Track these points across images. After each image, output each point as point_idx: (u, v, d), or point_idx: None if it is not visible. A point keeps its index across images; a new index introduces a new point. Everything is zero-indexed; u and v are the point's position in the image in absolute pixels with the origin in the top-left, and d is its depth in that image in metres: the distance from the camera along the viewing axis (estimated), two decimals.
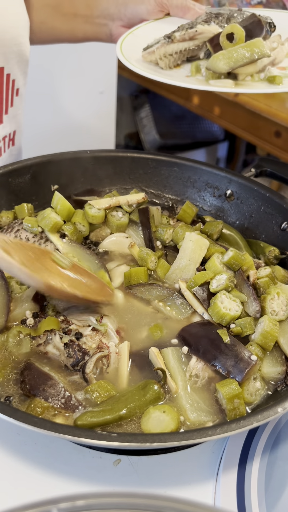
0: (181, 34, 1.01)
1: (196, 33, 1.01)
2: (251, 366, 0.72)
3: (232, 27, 0.95)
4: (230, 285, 0.83)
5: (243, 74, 0.97)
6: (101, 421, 0.65)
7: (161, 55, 1.01)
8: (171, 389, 0.71)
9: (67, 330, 0.77)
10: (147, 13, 1.14)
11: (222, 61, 0.93)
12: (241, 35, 0.94)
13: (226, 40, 0.95)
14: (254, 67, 0.97)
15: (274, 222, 0.99)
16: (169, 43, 1.00)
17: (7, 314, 0.81)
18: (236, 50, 0.93)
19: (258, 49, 0.93)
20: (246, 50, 0.93)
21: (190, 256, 0.89)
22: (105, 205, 0.98)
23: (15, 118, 1.23)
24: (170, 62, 1.03)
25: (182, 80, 0.96)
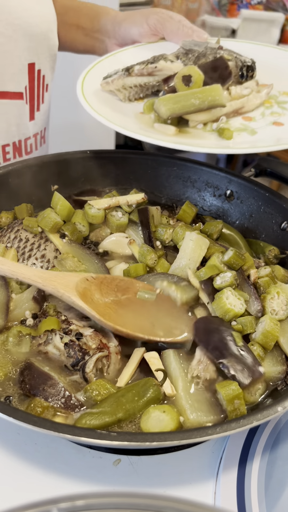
0: (140, 68, 0.95)
1: (155, 69, 0.95)
2: (256, 376, 0.71)
3: (189, 69, 0.87)
4: (234, 283, 0.83)
5: (194, 121, 0.89)
6: (101, 424, 0.65)
7: (119, 87, 0.96)
8: (167, 393, 0.71)
9: (67, 330, 0.77)
10: (139, 35, 1.12)
11: (165, 106, 0.85)
12: (198, 79, 0.86)
13: (180, 82, 0.87)
14: (206, 115, 0.88)
15: (274, 222, 0.99)
16: (126, 76, 0.95)
17: (6, 314, 0.81)
18: (185, 95, 0.85)
19: (212, 98, 0.84)
20: (197, 98, 0.84)
21: (190, 256, 0.89)
22: (105, 205, 0.98)
23: (45, 114, 1.23)
24: (131, 94, 0.98)
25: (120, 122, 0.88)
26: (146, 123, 0.91)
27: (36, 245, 0.93)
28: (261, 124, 0.92)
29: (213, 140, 0.87)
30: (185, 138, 0.87)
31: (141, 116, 0.94)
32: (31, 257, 0.91)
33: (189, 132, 0.89)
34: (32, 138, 1.21)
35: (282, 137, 0.88)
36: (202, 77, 0.87)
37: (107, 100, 0.97)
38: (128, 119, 0.92)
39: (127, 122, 0.90)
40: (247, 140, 0.87)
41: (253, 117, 0.94)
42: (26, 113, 1.15)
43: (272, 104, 0.99)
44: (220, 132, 0.88)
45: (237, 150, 0.86)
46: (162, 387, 0.71)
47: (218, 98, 0.85)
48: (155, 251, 0.93)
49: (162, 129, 0.88)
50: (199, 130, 0.90)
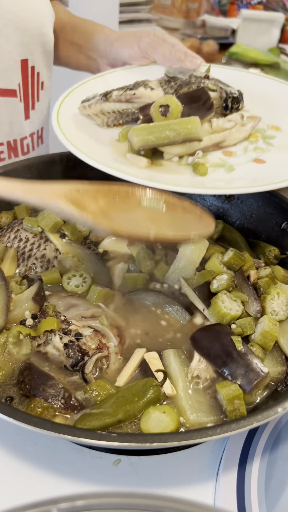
0: (118, 94, 0.91)
1: (134, 96, 0.90)
2: (261, 378, 0.71)
3: (167, 99, 0.82)
4: (231, 285, 0.83)
5: (169, 154, 0.83)
6: (101, 424, 0.65)
7: (97, 112, 0.92)
8: (167, 394, 0.71)
9: (67, 331, 0.77)
10: (129, 57, 1.09)
11: (138, 137, 0.80)
12: (176, 110, 0.81)
13: (157, 112, 0.82)
14: (182, 148, 0.82)
15: (274, 222, 0.99)
16: (104, 101, 0.91)
17: (6, 315, 0.81)
18: (160, 126, 0.80)
19: (187, 130, 0.79)
20: (172, 130, 0.79)
21: (190, 256, 0.89)
22: None
23: (42, 113, 1.21)
24: (109, 120, 0.93)
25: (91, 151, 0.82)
26: (121, 152, 0.85)
27: (36, 245, 0.93)
28: (241, 160, 0.85)
29: (187, 176, 0.81)
30: (158, 171, 0.81)
31: (116, 143, 0.88)
32: (31, 257, 0.91)
33: (163, 165, 0.83)
34: (29, 138, 1.19)
35: (259, 177, 0.80)
36: (180, 108, 0.81)
37: (84, 124, 0.92)
38: (102, 148, 0.86)
39: (99, 151, 0.84)
40: (223, 177, 0.80)
41: (234, 152, 0.87)
42: (21, 112, 1.13)
43: (258, 138, 0.92)
44: (194, 167, 0.82)
45: (209, 191, 0.77)
46: (162, 387, 0.71)
47: (194, 132, 0.79)
48: (152, 257, 0.92)
49: (134, 160, 0.82)
50: (174, 163, 0.84)
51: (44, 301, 0.85)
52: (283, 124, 0.95)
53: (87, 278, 0.88)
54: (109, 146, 0.87)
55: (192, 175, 0.81)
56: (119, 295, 0.89)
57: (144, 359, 0.76)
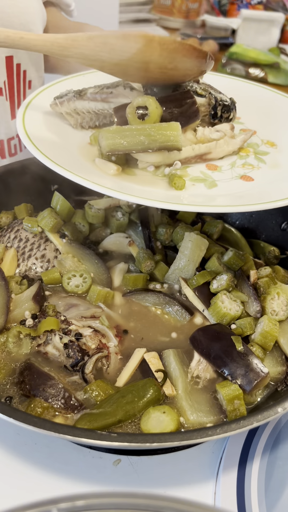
0: (93, 92, 0.82)
1: (110, 95, 0.81)
2: (261, 378, 0.71)
3: (145, 100, 0.72)
4: (230, 285, 0.83)
5: (143, 162, 0.74)
6: (101, 425, 0.65)
7: (70, 111, 0.83)
8: (167, 394, 0.71)
9: (67, 331, 0.77)
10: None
11: (107, 140, 0.71)
12: (154, 113, 0.72)
13: (134, 114, 0.73)
14: (159, 157, 0.73)
15: (274, 222, 0.99)
16: (77, 98, 0.82)
17: (6, 314, 0.81)
18: (134, 130, 0.71)
19: (165, 137, 0.69)
20: (146, 135, 0.69)
21: (190, 256, 0.89)
22: (105, 205, 0.98)
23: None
24: (84, 121, 0.84)
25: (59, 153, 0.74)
26: (88, 156, 0.76)
27: (36, 245, 0.93)
28: (226, 176, 0.76)
29: (161, 189, 0.72)
30: (128, 181, 0.72)
31: (88, 147, 0.79)
32: (31, 257, 0.91)
33: (135, 174, 0.74)
34: (16, 139, 1.17)
35: (243, 195, 0.71)
36: (160, 111, 0.73)
37: (56, 125, 0.83)
38: (70, 151, 0.77)
39: (66, 155, 0.75)
40: (202, 193, 0.71)
41: (219, 167, 0.78)
42: (7, 111, 1.11)
43: (249, 154, 0.82)
44: (170, 180, 0.72)
45: (183, 207, 0.65)
46: (162, 387, 0.71)
47: (173, 139, 0.70)
48: (152, 257, 0.92)
49: (103, 166, 0.73)
50: (148, 173, 0.75)
51: (44, 301, 0.85)
52: (280, 140, 0.87)
53: (87, 278, 0.88)
54: (79, 150, 0.79)
55: (167, 188, 0.72)
56: (119, 295, 0.89)
57: (144, 359, 0.76)
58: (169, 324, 0.84)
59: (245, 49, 2.37)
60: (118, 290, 0.90)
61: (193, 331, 0.79)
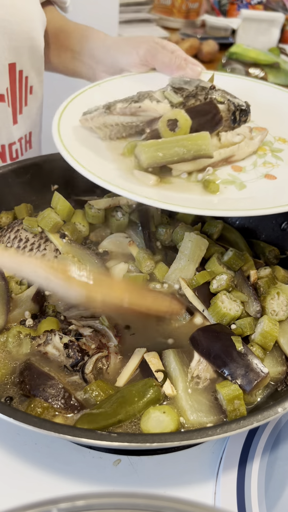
0: (123, 107, 0.86)
1: (139, 109, 0.85)
2: (261, 378, 0.71)
3: (176, 113, 0.78)
4: (230, 285, 0.83)
5: (178, 170, 0.79)
6: (101, 425, 0.65)
7: (100, 125, 0.86)
8: (167, 394, 0.71)
9: (67, 331, 0.77)
10: (128, 65, 1.05)
11: (146, 154, 0.75)
12: (185, 125, 0.77)
13: (165, 127, 0.78)
14: (192, 165, 0.79)
15: (274, 222, 0.99)
16: (107, 114, 0.85)
17: (6, 315, 0.81)
18: (169, 142, 0.76)
19: (198, 147, 0.75)
20: (181, 146, 0.75)
21: (190, 256, 0.89)
22: (105, 205, 0.98)
23: (30, 118, 1.18)
24: (112, 133, 0.88)
25: (96, 168, 0.77)
26: (125, 168, 0.80)
27: (36, 245, 0.93)
28: (251, 176, 0.81)
29: (198, 194, 0.76)
30: (167, 190, 0.77)
31: (121, 159, 0.83)
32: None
33: (172, 182, 0.79)
34: (17, 143, 1.17)
35: (274, 195, 0.76)
36: (189, 123, 0.77)
37: (88, 138, 0.87)
38: (106, 163, 0.81)
39: (104, 167, 0.79)
40: (235, 196, 0.76)
41: (243, 167, 0.83)
42: (9, 117, 1.10)
43: (266, 152, 0.87)
44: (205, 185, 0.77)
45: (224, 213, 0.70)
46: (162, 387, 0.71)
47: (205, 148, 0.75)
48: (151, 257, 0.92)
49: (142, 177, 0.77)
50: (183, 180, 0.79)
51: (44, 301, 0.85)
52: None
53: None
54: (113, 161, 0.82)
55: (202, 193, 0.77)
56: None
57: (144, 359, 0.76)
58: (169, 324, 0.84)
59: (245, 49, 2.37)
60: None
61: (193, 331, 0.79)
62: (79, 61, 1.19)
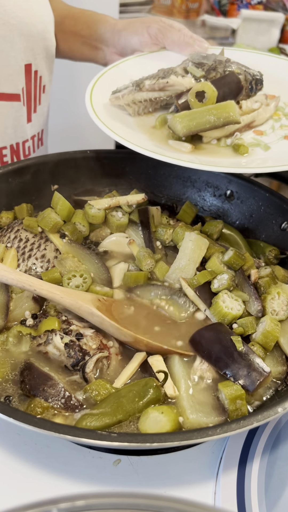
0: (151, 83, 0.92)
1: (167, 85, 0.92)
2: (263, 378, 0.71)
3: (203, 85, 0.85)
4: (231, 285, 0.83)
5: (208, 137, 0.88)
6: (101, 425, 0.65)
7: (129, 102, 0.94)
8: (169, 394, 0.71)
9: (67, 331, 0.76)
10: (140, 44, 1.10)
11: (181, 124, 0.83)
12: (212, 96, 0.85)
13: (194, 98, 0.85)
14: (221, 132, 0.87)
15: (274, 222, 0.99)
16: (137, 91, 0.92)
17: (6, 314, 0.81)
18: (200, 112, 0.83)
19: (226, 114, 0.83)
20: (212, 114, 0.83)
21: (190, 256, 0.89)
22: (105, 205, 0.98)
23: (43, 116, 1.22)
24: (140, 109, 0.95)
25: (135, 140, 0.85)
26: (159, 139, 0.89)
27: (36, 245, 0.93)
28: (272, 138, 0.91)
29: (230, 157, 0.85)
30: (202, 155, 0.85)
31: (153, 131, 0.91)
32: (31, 257, 0.91)
33: (205, 148, 0.87)
34: (30, 141, 1.20)
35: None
36: (216, 93, 0.85)
37: (117, 115, 0.95)
38: (141, 136, 0.89)
39: (141, 139, 0.87)
40: (262, 156, 0.86)
41: (264, 131, 0.93)
42: (24, 115, 1.14)
43: (280, 116, 0.97)
44: (235, 148, 0.86)
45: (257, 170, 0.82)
46: (163, 387, 0.70)
47: (232, 115, 0.83)
48: (152, 256, 0.92)
49: (177, 146, 0.86)
50: (214, 146, 0.88)
51: (44, 301, 0.85)
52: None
53: (87, 278, 0.88)
54: (147, 133, 0.90)
55: (233, 155, 0.85)
56: (120, 294, 0.89)
57: (145, 360, 0.75)
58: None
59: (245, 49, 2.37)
60: (118, 290, 0.90)
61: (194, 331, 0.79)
62: (88, 46, 1.23)
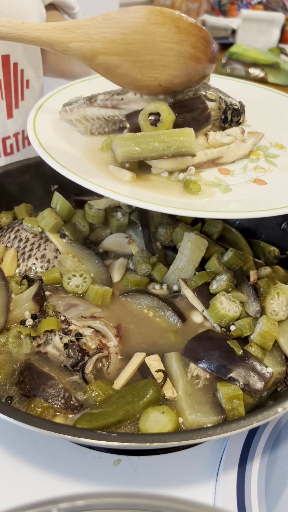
0: (104, 99, 0.82)
1: (121, 102, 0.81)
2: (268, 379, 0.71)
3: (157, 106, 0.73)
4: (230, 286, 0.83)
5: (157, 168, 0.75)
6: (101, 424, 0.65)
7: (80, 118, 0.84)
8: (168, 396, 0.71)
9: (67, 331, 0.77)
10: None
11: (121, 148, 0.71)
12: (167, 119, 0.73)
13: (146, 120, 0.74)
14: (173, 163, 0.74)
15: (274, 222, 0.99)
16: (88, 105, 0.83)
17: (6, 315, 0.81)
18: (148, 137, 0.71)
19: (179, 144, 0.70)
20: (161, 142, 0.70)
21: (189, 256, 0.89)
22: (105, 205, 0.98)
23: (27, 113, 1.18)
24: (94, 127, 0.85)
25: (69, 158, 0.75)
26: (100, 163, 0.77)
27: (36, 245, 0.93)
28: (239, 180, 0.76)
29: (177, 194, 0.72)
30: (143, 188, 0.72)
31: (97, 153, 0.80)
32: (31, 257, 0.91)
33: (150, 180, 0.75)
34: (13, 138, 1.16)
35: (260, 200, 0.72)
36: (173, 118, 0.73)
37: (65, 131, 0.84)
38: (81, 158, 0.78)
39: (78, 162, 0.76)
40: (218, 199, 0.72)
41: (232, 171, 0.78)
42: (3, 110, 1.10)
43: (259, 157, 0.82)
44: (185, 185, 0.73)
45: (200, 214, 0.65)
46: (162, 388, 0.71)
47: (187, 145, 0.70)
48: (147, 260, 0.92)
49: (117, 173, 0.74)
50: (163, 179, 0.75)
51: (44, 301, 0.85)
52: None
53: (87, 278, 0.88)
54: (91, 156, 0.79)
55: (183, 193, 0.72)
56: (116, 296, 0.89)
57: (143, 362, 0.75)
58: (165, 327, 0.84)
59: (245, 49, 2.37)
60: (117, 287, 0.90)
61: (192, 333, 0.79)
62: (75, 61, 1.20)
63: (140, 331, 0.83)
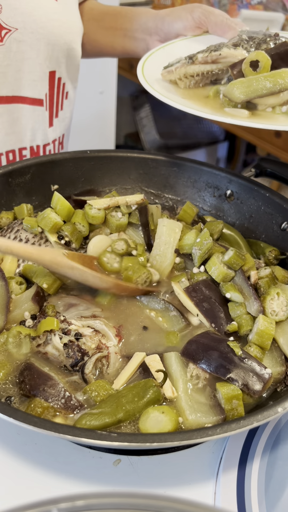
0: (204, 56, 0.95)
1: (219, 57, 0.95)
2: (267, 380, 0.71)
3: (257, 54, 0.88)
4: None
5: (263, 105, 0.90)
6: (101, 424, 0.65)
7: (181, 76, 0.96)
8: (167, 396, 0.71)
9: (66, 331, 0.77)
10: (184, 28, 1.13)
11: (238, 90, 0.87)
12: (266, 64, 0.88)
13: (249, 67, 0.89)
14: (276, 99, 0.89)
15: (274, 222, 0.99)
16: (190, 64, 0.95)
17: (6, 315, 0.81)
18: (257, 79, 0.87)
19: (282, 81, 0.85)
20: (268, 81, 0.86)
21: (166, 240, 0.92)
22: (104, 205, 0.98)
23: (64, 121, 1.28)
24: (191, 83, 0.98)
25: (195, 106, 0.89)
26: (213, 108, 0.92)
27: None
28: None
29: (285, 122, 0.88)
30: (260, 120, 0.88)
31: (206, 100, 0.95)
32: None
33: (261, 115, 0.90)
34: (51, 144, 1.25)
35: None
36: (270, 62, 0.88)
37: (169, 89, 0.97)
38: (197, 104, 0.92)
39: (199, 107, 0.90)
40: None
41: None
42: (46, 120, 1.20)
43: None
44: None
45: None
46: (162, 388, 0.71)
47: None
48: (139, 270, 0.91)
49: (235, 113, 0.89)
50: (269, 113, 0.91)
51: (43, 301, 0.85)
52: None
53: None
54: (201, 102, 0.93)
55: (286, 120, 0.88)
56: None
57: (143, 362, 0.75)
58: (167, 327, 0.84)
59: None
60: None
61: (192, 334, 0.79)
62: (130, 38, 1.27)
63: (140, 331, 0.83)
